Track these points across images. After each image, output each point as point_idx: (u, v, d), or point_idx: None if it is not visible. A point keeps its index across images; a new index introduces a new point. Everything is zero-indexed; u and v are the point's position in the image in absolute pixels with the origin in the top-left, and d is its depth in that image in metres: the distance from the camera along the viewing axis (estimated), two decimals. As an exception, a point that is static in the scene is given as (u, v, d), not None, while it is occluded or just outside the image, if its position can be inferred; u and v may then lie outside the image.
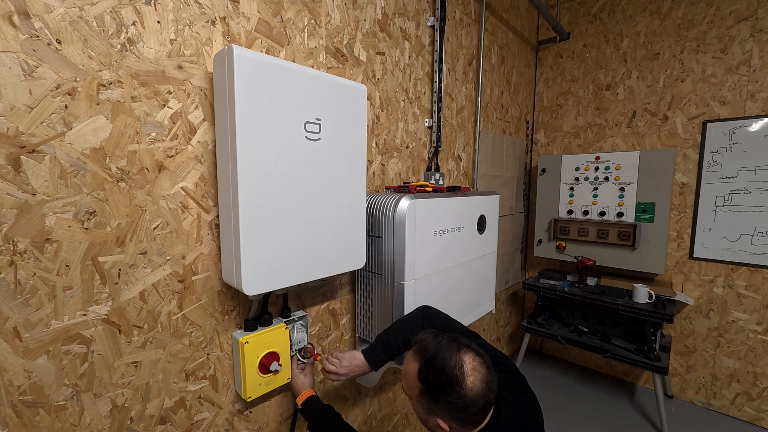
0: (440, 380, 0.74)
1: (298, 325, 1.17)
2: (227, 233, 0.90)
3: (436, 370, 0.75)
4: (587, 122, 2.64)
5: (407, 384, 0.82)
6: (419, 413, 0.82)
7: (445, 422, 0.77)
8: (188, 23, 0.88)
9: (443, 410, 0.75)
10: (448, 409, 0.75)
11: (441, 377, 0.74)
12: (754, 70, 2.04)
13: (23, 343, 0.71)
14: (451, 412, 0.75)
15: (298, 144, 0.95)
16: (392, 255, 1.20)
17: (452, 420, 0.76)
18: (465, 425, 0.77)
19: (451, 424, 0.77)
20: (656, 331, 2.07)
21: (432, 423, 0.79)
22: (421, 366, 0.78)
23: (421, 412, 0.81)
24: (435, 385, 0.75)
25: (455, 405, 0.73)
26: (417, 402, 0.80)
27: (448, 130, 1.90)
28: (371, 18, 1.38)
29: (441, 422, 0.77)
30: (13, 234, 0.68)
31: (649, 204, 2.20)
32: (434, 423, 0.79)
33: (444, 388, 0.74)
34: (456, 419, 0.76)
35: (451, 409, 0.75)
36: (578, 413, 2.25)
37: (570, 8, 2.67)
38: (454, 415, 0.75)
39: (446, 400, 0.74)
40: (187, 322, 0.94)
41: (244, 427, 1.11)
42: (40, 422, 0.74)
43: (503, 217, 2.52)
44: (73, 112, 0.73)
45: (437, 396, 0.75)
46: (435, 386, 0.75)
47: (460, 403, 0.73)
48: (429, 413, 0.79)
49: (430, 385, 0.76)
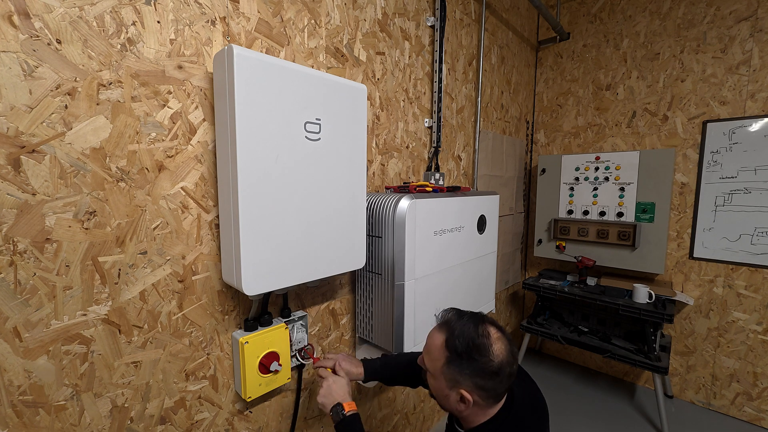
0: (468, 346, 0.76)
1: (298, 325, 1.17)
2: (227, 233, 0.90)
3: (464, 338, 0.77)
4: (587, 122, 2.64)
5: (432, 357, 0.83)
6: (441, 389, 0.81)
7: (469, 393, 0.77)
8: (188, 23, 0.89)
9: (469, 379, 0.77)
10: (474, 376, 0.76)
11: (469, 343, 0.76)
12: (754, 70, 2.04)
13: (23, 343, 0.71)
14: (477, 380, 0.76)
15: (298, 144, 0.95)
16: (392, 255, 1.20)
17: (477, 390, 0.77)
18: (488, 398, 0.78)
19: (475, 397, 0.78)
20: (656, 331, 2.07)
21: (454, 397, 0.79)
22: (448, 335, 0.80)
23: (443, 387, 0.81)
24: (463, 351, 0.77)
25: (483, 370, 0.75)
26: (441, 374, 0.80)
27: (448, 130, 1.90)
28: (371, 18, 1.38)
29: (465, 393, 0.77)
30: (13, 234, 0.68)
31: (649, 204, 2.20)
32: (456, 397, 0.79)
33: (472, 353, 0.76)
34: (481, 389, 0.77)
35: (477, 376, 0.76)
36: (578, 413, 2.25)
37: (570, 8, 2.67)
38: (480, 384, 0.76)
39: (474, 366, 0.76)
40: (187, 322, 0.94)
41: (244, 427, 1.11)
42: (40, 422, 0.74)
43: (503, 217, 2.52)
44: (73, 112, 0.73)
45: (465, 362, 0.77)
46: (463, 352, 0.77)
47: (487, 368, 0.75)
48: (453, 385, 0.79)
49: (458, 352, 0.77)
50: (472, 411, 0.80)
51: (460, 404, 0.79)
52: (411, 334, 1.25)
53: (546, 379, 2.62)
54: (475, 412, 0.81)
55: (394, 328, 1.22)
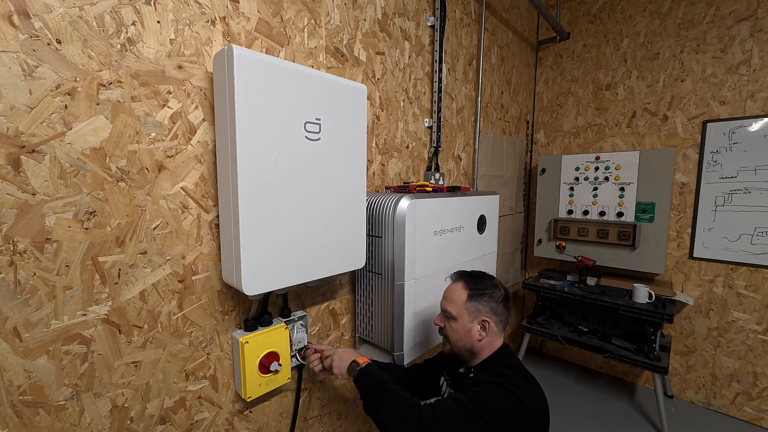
0: (483, 282, 1.04)
1: (298, 325, 1.17)
2: (227, 233, 0.90)
3: (479, 278, 1.06)
4: (587, 122, 2.64)
5: (453, 300, 1.04)
6: (464, 326, 1.01)
7: (489, 318, 1.00)
8: (188, 23, 0.88)
9: (487, 306, 1.00)
10: (491, 302, 1.01)
11: (483, 281, 1.05)
12: (754, 70, 2.04)
13: (23, 343, 0.71)
14: (493, 306, 1.01)
15: (298, 144, 0.95)
16: (392, 255, 1.20)
17: (493, 317, 1.00)
18: (498, 324, 1.01)
19: (492, 324, 1.00)
20: (656, 331, 2.07)
21: (475, 329, 1.00)
22: (466, 279, 1.05)
23: (466, 323, 1.00)
24: (481, 286, 1.03)
25: (497, 297, 1.02)
26: (464, 310, 1.01)
27: (448, 130, 1.90)
28: (371, 18, 1.38)
29: (485, 318, 0.99)
30: (13, 234, 0.68)
31: (649, 204, 2.20)
32: (478, 326, 1.00)
33: (488, 286, 1.03)
34: (496, 314, 1.00)
35: (493, 302, 1.01)
36: (578, 413, 2.25)
37: (570, 8, 2.67)
38: (495, 309, 1.01)
39: (490, 295, 1.01)
40: (187, 322, 0.94)
41: (244, 427, 1.11)
42: (40, 422, 0.74)
43: (503, 217, 2.52)
44: (73, 112, 0.73)
45: (483, 294, 1.01)
46: (481, 286, 1.03)
47: (499, 295, 1.02)
48: (475, 316, 1.00)
49: (477, 287, 1.02)
50: (487, 340, 1.00)
51: (482, 332, 0.99)
52: (411, 334, 1.25)
53: (546, 379, 2.62)
54: (489, 342, 1.00)
55: (394, 328, 1.22)
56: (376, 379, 0.91)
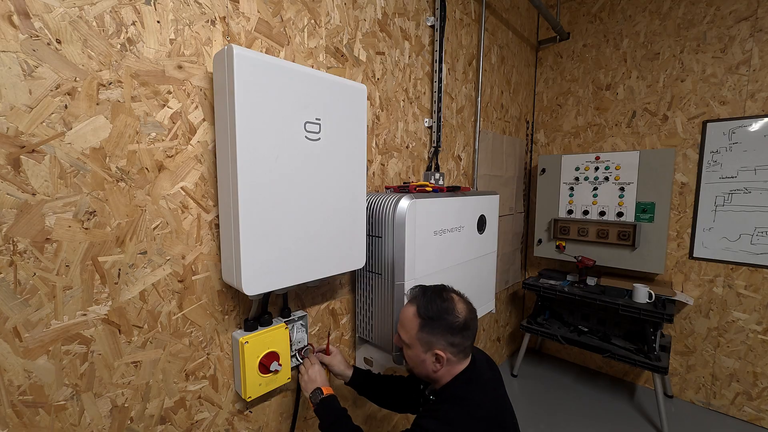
0: (437, 309, 0.91)
1: (298, 325, 1.17)
2: (227, 233, 0.90)
3: (432, 303, 0.92)
4: (587, 122, 2.64)
5: (406, 328, 0.95)
6: (417, 356, 0.92)
7: (443, 351, 0.89)
8: (188, 23, 0.88)
9: (441, 337, 0.89)
10: (445, 333, 0.89)
11: (437, 307, 0.91)
12: (754, 70, 2.04)
13: (23, 343, 0.71)
14: (448, 338, 0.89)
15: (298, 144, 0.95)
16: (392, 255, 1.20)
17: (448, 348, 0.89)
18: (457, 354, 0.91)
19: (447, 355, 0.89)
20: (656, 331, 2.07)
21: (430, 360, 0.91)
22: (419, 305, 0.93)
23: (419, 353, 0.92)
24: (434, 314, 0.90)
25: (452, 326, 0.89)
26: (416, 341, 0.92)
27: (448, 130, 1.90)
28: (371, 18, 1.38)
29: (439, 351, 0.89)
30: (13, 234, 0.68)
31: (649, 204, 2.20)
32: (432, 358, 0.91)
33: (441, 314, 0.90)
34: (452, 346, 0.89)
35: (447, 334, 0.89)
36: (578, 413, 2.25)
37: (570, 8, 2.67)
38: (450, 341, 0.89)
39: (444, 325, 0.89)
40: (187, 322, 0.94)
41: (244, 427, 1.11)
42: (40, 422, 0.74)
43: (503, 217, 2.52)
44: (73, 112, 0.73)
45: (436, 323, 0.90)
46: (434, 315, 0.90)
47: (455, 324, 0.89)
48: (428, 348, 0.91)
49: (429, 315, 0.91)
50: (445, 370, 0.91)
51: (436, 364, 0.90)
52: (411, 334, 1.25)
53: (546, 379, 2.62)
54: (448, 370, 0.92)
55: (394, 328, 1.22)
56: (333, 414, 0.98)
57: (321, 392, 1.03)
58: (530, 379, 2.62)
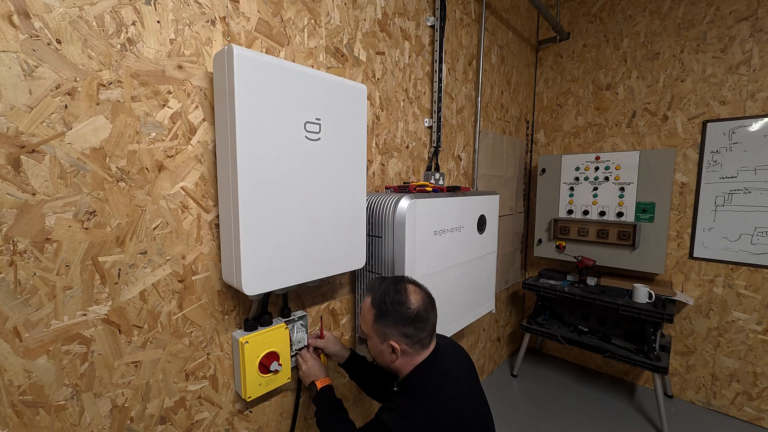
0: (389, 300, 0.90)
1: (298, 325, 1.17)
2: (227, 233, 0.90)
3: (385, 294, 0.91)
4: (587, 122, 2.64)
5: (364, 320, 0.96)
6: (376, 347, 0.94)
7: (397, 343, 0.90)
8: (188, 23, 0.88)
9: (394, 328, 0.90)
10: (397, 324, 0.89)
11: (389, 298, 0.90)
12: (754, 70, 2.04)
13: (23, 343, 0.71)
14: (400, 329, 0.89)
15: (298, 144, 0.95)
16: (392, 255, 1.20)
17: (402, 339, 0.90)
18: (413, 345, 0.91)
19: (402, 346, 0.90)
20: (656, 331, 2.07)
21: (387, 351, 0.92)
22: (374, 296, 0.93)
23: (377, 344, 0.93)
24: (386, 305, 0.90)
25: (404, 317, 0.89)
26: (373, 332, 0.93)
27: (448, 130, 1.90)
28: (371, 18, 1.38)
29: (394, 343, 0.90)
30: (13, 234, 0.68)
31: (649, 204, 2.20)
32: (388, 349, 0.91)
33: (393, 304, 0.90)
34: (405, 337, 0.90)
35: (399, 325, 0.89)
36: (578, 413, 2.25)
37: (570, 8, 2.67)
38: (403, 332, 0.89)
39: (396, 316, 0.89)
40: (187, 322, 0.94)
41: (244, 427, 1.11)
42: (40, 422, 0.74)
43: (503, 217, 2.52)
44: (73, 112, 0.73)
45: (387, 314, 0.90)
46: (386, 306, 0.90)
47: (406, 314, 0.89)
48: (384, 339, 0.91)
49: (382, 307, 0.91)
50: (403, 360, 0.92)
51: (392, 355, 0.91)
52: (411, 334, 1.25)
53: (546, 379, 2.62)
54: (406, 361, 0.92)
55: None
56: (327, 404, 1.03)
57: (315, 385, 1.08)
58: (530, 379, 2.62)
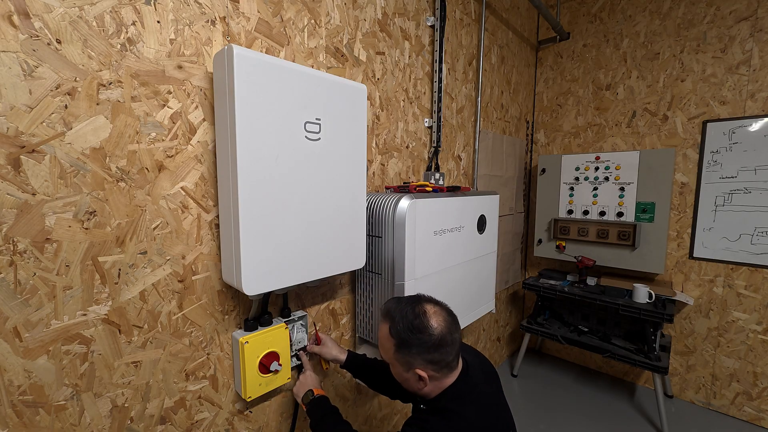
0: (408, 328, 0.83)
1: (298, 325, 1.17)
2: (227, 233, 0.90)
3: (404, 322, 0.84)
4: (587, 122, 2.64)
5: (384, 348, 0.89)
6: (400, 374, 0.88)
7: (423, 370, 0.83)
8: (188, 23, 0.88)
9: (418, 356, 0.82)
10: (422, 352, 0.82)
11: (409, 325, 0.83)
12: (754, 70, 2.04)
13: (23, 343, 0.71)
14: (425, 356, 0.82)
15: (298, 144, 0.95)
16: (392, 255, 1.20)
17: (429, 366, 0.83)
18: (440, 369, 0.84)
19: (429, 372, 0.83)
20: (656, 331, 2.07)
21: (413, 379, 0.85)
22: (390, 324, 0.86)
23: (401, 372, 0.87)
24: (405, 334, 0.83)
25: (426, 344, 0.82)
26: (395, 361, 0.86)
27: (448, 130, 1.90)
28: (371, 18, 1.38)
29: (420, 371, 0.83)
30: (13, 234, 0.68)
31: (649, 204, 2.20)
32: (414, 377, 0.85)
33: (414, 332, 0.82)
34: (431, 363, 0.83)
35: (424, 352, 0.82)
36: (578, 413, 2.25)
37: (570, 8, 2.67)
38: (428, 358, 0.82)
39: (418, 343, 0.82)
40: (187, 322, 0.94)
41: (244, 426, 1.11)
42: (40, 422, 0.74)
43: (503, 217, 2.52)
44: (73, 112, 0.73)
45: (409, 343, 0.83)
46: (406, 334, 0.83)
47: (430, 342, 0.82)
48: (408, 368, 0.85)
49: (402, 336, 0.83)
50: (432, 385, 0.86)
51: (420, 383, 0.85)
52: (411, 334, 1.25)
53: (546, 379, 2.62)
54: (435, 385, 0.86)
55: (394, 328, 1.22)
56: (322, 411, 0.99)
57: (312, 393, 1.05)
58: (530, 379, 2.62)
